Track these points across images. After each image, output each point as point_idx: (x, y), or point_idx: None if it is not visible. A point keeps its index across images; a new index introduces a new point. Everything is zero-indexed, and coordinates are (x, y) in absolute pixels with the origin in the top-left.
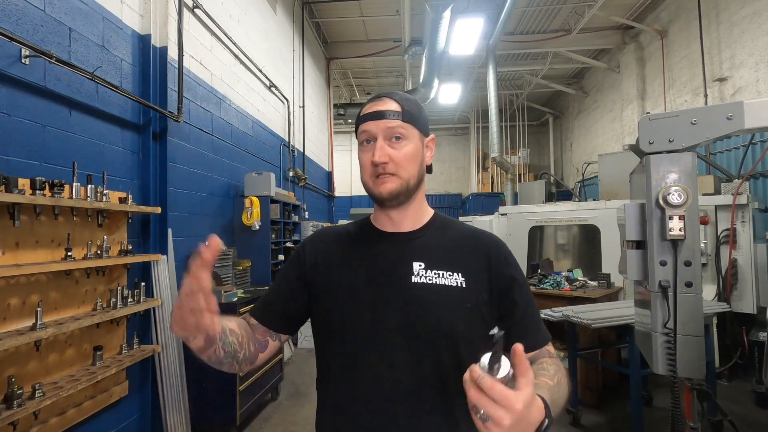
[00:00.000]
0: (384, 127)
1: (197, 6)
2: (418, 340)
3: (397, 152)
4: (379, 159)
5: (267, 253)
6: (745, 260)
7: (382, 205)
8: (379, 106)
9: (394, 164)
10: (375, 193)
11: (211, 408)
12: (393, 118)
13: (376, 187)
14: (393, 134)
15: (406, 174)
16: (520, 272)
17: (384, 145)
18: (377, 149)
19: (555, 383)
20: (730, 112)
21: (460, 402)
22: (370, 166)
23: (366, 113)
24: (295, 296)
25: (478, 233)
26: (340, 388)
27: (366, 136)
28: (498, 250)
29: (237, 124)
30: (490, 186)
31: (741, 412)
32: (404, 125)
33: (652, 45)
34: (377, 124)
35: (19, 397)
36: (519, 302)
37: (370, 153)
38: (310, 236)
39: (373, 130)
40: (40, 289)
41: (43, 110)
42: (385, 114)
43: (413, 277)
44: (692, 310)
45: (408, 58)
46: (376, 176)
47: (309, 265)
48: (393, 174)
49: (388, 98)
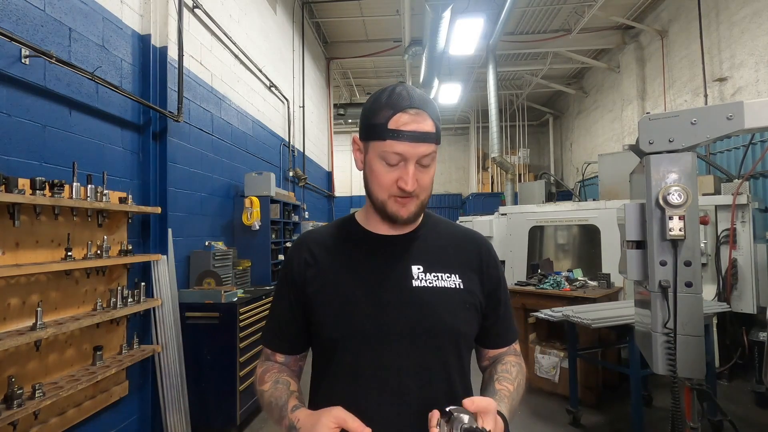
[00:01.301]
0: (420, 154)
1: (197, 6)
2: (423, 344)
3: (424, 177)
4: (412, 188)
5: (267, 253)
6: (745, 260)
7: (394, 223)
8: (417, 125)
9: (419, 188)
10: (394, 214)
11: (211, 408)
12: (430, 141)
13: (397, 209)
14: (424, 161)
15: (424, 196)
16: (503, 271)
17: (415, 172)
18: (410, 176)
19: (515, 387)
20: (730, 112)
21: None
22: (393, 186)
23: (401, 130)
24: (298, 314)
25: (467, 233)
26: (343, 396)
27: (397, 158)
28: (488, 250)
29: (237, 124)
30: (490, 186)
31: (741, 412)
32: (435, 148)
33: (652, 45)
34: (415, 149)
35: (19, 397)
36: (503, 300)
37: (396, 174)
38: (294, 246)
39: (409, 154)
40: (40, 289)
41: (43, 110)
42: (426, 137)
43: (413, 281)
44: (692, 310)
45: (408, 58)
46: (399, 197)
47: (299, 277)
48: (415, 197)
49: (425, 113)
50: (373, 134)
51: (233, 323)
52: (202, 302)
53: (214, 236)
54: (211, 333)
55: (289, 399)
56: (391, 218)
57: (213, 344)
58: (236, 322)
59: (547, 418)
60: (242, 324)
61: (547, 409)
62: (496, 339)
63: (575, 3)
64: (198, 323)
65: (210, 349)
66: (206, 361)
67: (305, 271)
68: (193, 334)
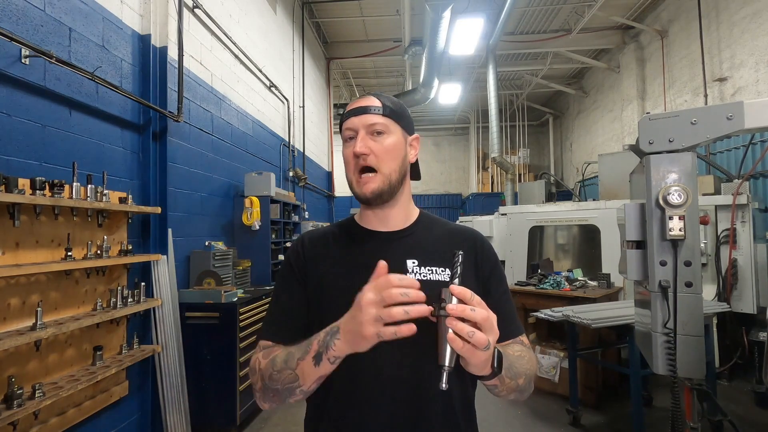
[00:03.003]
0: (366, 123)
1: (197, 6)
2: (416, 339)
3: (378, 145)
4: (360, 150)
5: (267, 253)
6: (745, 260)
7: (368, 205)
8: (361, 102)
9: (375, 157)
10: (358, 194)
11: (211, 408)
12: (375, 113)
13: (360, 187)
14: (375, 129)
15: (387, 168)
16: (499, 266)
17: (366, 137)
18: (358, 140)
19: (517, 356)
20: (730, 112)
21: (460, 399)
22: (352, 159)
23: (349, 110)
24: (300, 305)
25: (462, 229)
26: (337, 390)
27: (349, 132)
28: (482, 244)
29: (237, 124)
30: (490, 186)
31: (741, 412)
32: (386, 120)
33: (652, 45)
34: (360, 119)
35: (19, 397)
36: (493, 293)
37: (352, 147)
38: (293, 244)
39: (356, 125)
40: (40, 289)
41: (43, 110)
42: (368, 109)
43: (408, 275)
44: (692, 310)
45: (408, 58)
46: (359, 172)
47: (299, 272)
48: (374, 169)
49: (370, 95)
50: (340, 130)
51: (233, 323)
52: (202, 302)
53: (214, 236)
54: (211, 333)
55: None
56: (361, 200)
57: (213, 344)
58: (236, 322)
59: (547, 418)
60: (242, 324)
61: (547, 409)
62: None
63: (575, 3)
64: (198, 323)
65: (210, 349)
66: (206, 361)
67: (304, 266)
68: (193, 334)
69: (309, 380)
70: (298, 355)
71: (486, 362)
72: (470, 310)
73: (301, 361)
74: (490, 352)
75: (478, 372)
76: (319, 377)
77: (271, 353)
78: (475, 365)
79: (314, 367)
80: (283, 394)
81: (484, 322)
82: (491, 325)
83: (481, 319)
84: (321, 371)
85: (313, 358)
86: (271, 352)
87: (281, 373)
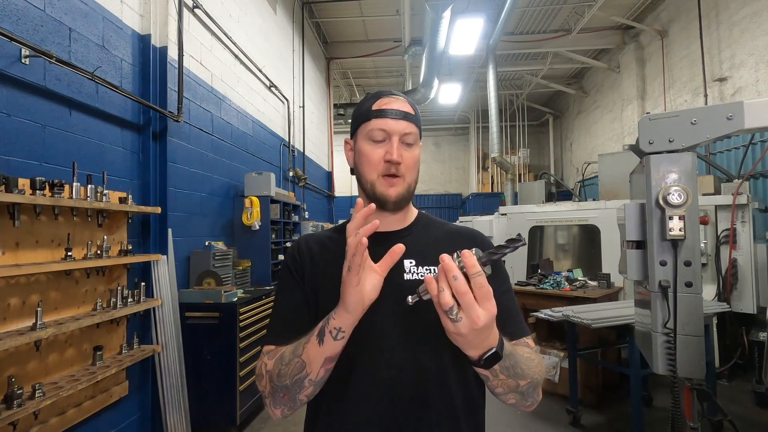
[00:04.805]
0: (402, 131)
1: (197, 6)
2: (415, 338)
3: (409, 155)
4: (397, 158)
5: (267, 253)
6: (745, 260)
7: (385, 208)
8: (397, 105)
9: (405, 167)
10: (382, 194)
11: (211, 408)
12: (411, 122)
13: (385, 188)
14: (407, 140)
15: (410, 178)
16: (501, 265)
17: (400, 146)
18: (395, 148)
19: (527, 357)
20: (730, 112)
21: (461, 400)
22: (381, 162)
23: (384, 108)
24: (303, 306)
25: (460, 229)
26: (335, 390)
27: (381, 134)
28: (483, 242)
29: (237, 124)
30: (490, 186)
31: (741, 412)
32: (417, 131)
33: (652, 45)
34: (398, 124)
35: (19, 397)
36: (496, 291)
37: (383, 150)
38: (295, 244)
39: (393, 129)
40: (40, 289)
41: (43, 110)
42: (407, 116)
43: (405, 274)
44: (692, 310)
45: (408, 58)
46: (387, 175)
47: (298, 274)
48: (402, 177)
49: (402, 99)
50: (360, 119)
51: (233, 323)
52: (202, 302)
53: (214, 236)
54: (211, 333)
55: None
56: (380, 200)
57: (213, 344)
58: (236, 322)
59: (547, 418)
60: (242, 324)
61: (547, 409)
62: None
63: (575, 3)
64: (198, 323)
65: (210, 349)
66: (206, 361)
67: (302, 267)
68: (193, 334)
69: (316, 365)
70: (305, 341)
71: (465, 339)
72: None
73: (306, 345)
74: (465, 327)
75: (464, 349)
76: (325, 359)
77: (277, 353)
78: (449, 332)
79: (318, 346)
80: (293, 390)
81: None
82: (471, 302)
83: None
84: (326, 350)
85: (316, 336)
86: (276, 353)
87: (289, 365)
